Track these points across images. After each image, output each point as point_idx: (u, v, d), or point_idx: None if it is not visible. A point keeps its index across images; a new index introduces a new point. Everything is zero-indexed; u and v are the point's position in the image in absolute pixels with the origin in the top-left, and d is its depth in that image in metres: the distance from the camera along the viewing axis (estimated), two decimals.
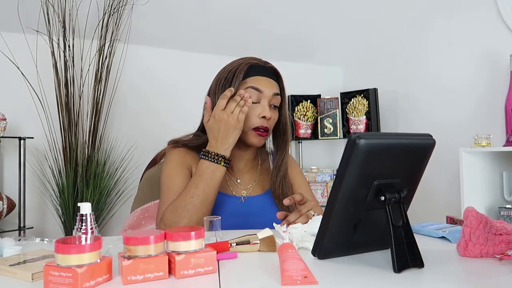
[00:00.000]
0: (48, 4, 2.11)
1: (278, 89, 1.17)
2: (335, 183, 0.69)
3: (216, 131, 1.07)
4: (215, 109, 1.08)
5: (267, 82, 1.15)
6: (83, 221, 0.70)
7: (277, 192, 1.18)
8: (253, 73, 1.14)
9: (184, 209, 1.02)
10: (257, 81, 1.13)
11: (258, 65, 1.16)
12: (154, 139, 1.53)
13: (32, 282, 0.65)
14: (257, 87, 1.13)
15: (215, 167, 1.05)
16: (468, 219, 0.74)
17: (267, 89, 1.14)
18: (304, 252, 0.77)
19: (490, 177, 1.75)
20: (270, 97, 1.14)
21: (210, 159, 1.06)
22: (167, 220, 1.02)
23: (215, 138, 1.07)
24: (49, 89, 2.14)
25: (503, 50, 1.93)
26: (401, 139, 0.72)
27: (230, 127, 1.06)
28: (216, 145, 1.07)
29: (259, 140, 1.15)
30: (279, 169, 1.20)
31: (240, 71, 1.13)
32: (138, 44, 2.41)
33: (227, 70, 1.17)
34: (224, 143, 1.06)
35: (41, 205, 2.22)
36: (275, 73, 1.19)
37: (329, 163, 2.89)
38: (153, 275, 0.63)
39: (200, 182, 1.04)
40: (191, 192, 1.03)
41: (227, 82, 1.14)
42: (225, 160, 1.06)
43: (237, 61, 1.18)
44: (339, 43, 2.82)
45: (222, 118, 1.06)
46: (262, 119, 1.13)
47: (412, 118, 2.48)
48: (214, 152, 1.06)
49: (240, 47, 2.50)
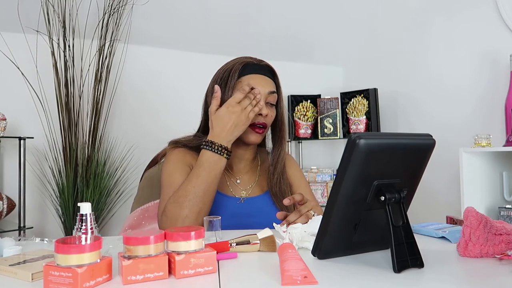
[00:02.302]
0: (48, 4, 2.11)
1: (274, 87, 1.17)
2: (335, 183, 0.69)
3: (227, 121, 1.06)
4: (231, 100, 1.07)
5: (262, 80, 1.15)
6: (83, 221, 0.70)
7: (274, 190, 1.18)
8: (247, 72, 1.15)
9: (186, 199, 1.02)
10: (252, 80, 1.14)
11: (252, 64, 1.17)
12: (154, 139, 1.54)
13: (32, 282, 0.65)
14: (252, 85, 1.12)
15: (217, 157, 1.05)
16: (468, 219, 0.74)
17: (262, 87, 1.13)
18: (304, 252, 0.77)
19: (490, 177, 1.75)
20: (265, 95, 1.14)
21: (213, 150, 1.05)
22: (168, 211, 1.02)
23: (223, 127, 1.06)
24: (49, 89, 2.14)
25: (503, 50, 1.93)
26: (401, 139, 0.72)
27: (239, 122, 1.06)
28: (221, 135, 1.06)
29: (257, 137, 1.15)
30: (275, 167, 1.20)
31: (235, 70, 1.14)
32: (138, 44, 2.41)
33: (222, 70, 1.17)
34: (229, 135, 1.06)
35: (41, 205, 2.22)
36: (271, 71, 1.19)
37: (329, 163, 2.89)
38: (153, 275, 0.63)
39: (202, 173, 1.04)
40: (192, 182, 1.03)
41: (223, 81, 1.14)
42: (227, 152, 1.06)
43: (232, 61, 1.18)
44: (339, 43, 2.82)
45: (236, 111, 1.06)
46: (259, 116, 1.13)
47: (412, 118, 2.48)
48: (218, 143, 1.06)
49: (240, 47, 2.50)
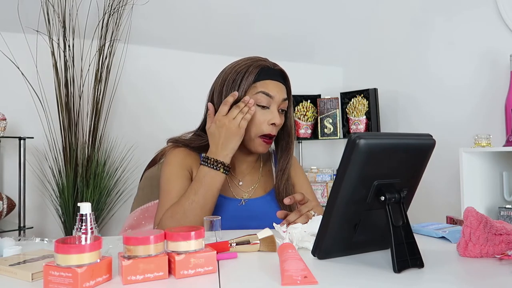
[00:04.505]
0: (48, 4, 2.11)
1: (286, 93, 1.15)
2: (335, 183, 0.69)
3: (217, 137, 1.06)
4: (217, 114, 1.06)
5: (277, 87, 1.12)
6: (83, 221, 0.70)
7: (281, 195, 1.16)
8: (263, 77, 1.11)
9: (183, 215, 1.01)
10: (267, 86, 1.10)
11: (268, 68, 1.13)
12: (154, 139, 1.53)
13: (32, 282, 0.65)
14: (267, 92, 1.10)
15: (215, 173, 1.05)
16: (468, 219, 0.74)
17: (278, 94, 1.11)
18: (304, 252, 0.77)
19: (490, 177, 1.75)
20: (279, 103, 1.12)
21: (209, 166, 1.05)
22: (164, 226, 1.02)
23: (216, 143, 1.06)
24: (49, 89, 2.14)
25: (503, 50, 1.93)
26: (401, 139, 0.72)
27: (230, 134, 1.04)
28: (216, 151, 1.06)
29: (264, 148, 1.13)
30: (283, 172, 1.19)
31: (250, 73, 1.10)
32: (138, 44, 2.41)
33: (234, 71, 1.12)
34: (224, 149, 1.05)
35: (41, 205, 2.22)
36: (284, 76, 1.16)
37: (329, 163, 2.89)
38: (153, 275, 0.63)
39: (200, 189, 1.03)
40: (190, 199, 1.03)
41: (235, 83, 1.10)
42: (224, 167, 1.05)
43: (245, 62, 1.13)
44: (339, 43, 2.82)
45: (223, 124, 1.05)
46: (272, 126, 1.11)
47: (412, 118, 2.48)
48: (213, 159, 1.05)
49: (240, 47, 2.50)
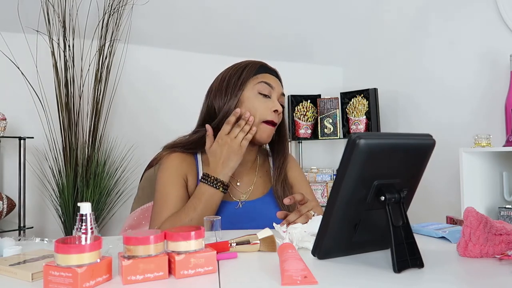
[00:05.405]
0: (48, 4, 2.11)
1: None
2: (335, 183, 0.69)
3: (219, 154, 1.09)
4: (220, 133, 1.10)
5: (276, 81, 1.20)
6: (83, 221, 0.70)
7: (279, 193, 1.19)
8: (263, 71, 1.19)
9: None
10: (268, 78, 1.18)
11: (266, 66, 1.22)
12: (154, 139, 1.53)
13: (32, 282, 0.65)
14: (268, 82, 1.17)
15: (214, 192, 1.07)
16: (468, 219, 0.74)
17: (277, 87, 1.19)
18: (304, 252, 0.77)
19: (490, 177, 1.75)
20: (279, 95, 1.19)
21: (209, 183, 1.07)
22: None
23: (217, 161, 1.09)
24: (49, 89, 2.14)
25: (503, 50, 1.93)
26: (401, 139, 0.72)
27: (232, 152, 1.08)
28: (216, 169, 1.08)
29: (268, 135, 1.16)
30: (280, 173, 1.22)
31: (250, 68, 1.18)
32: (138, 44, 2.41)
33: (235, 68, 1.20)
34: (224, 167, 1.08)
35: (41, 205, 2.22)
36: (279, 77, 1.25)
37: (329, 163, 2.89)
38: (153, 275, 0.63)
39: (199, 206, 1.06)
40: (189, 216, 1.04)
41: (235, 77, 1.16)
42: (223, 186, 1.08)
43: (244, 62, 1.22)
44: (339, 43, 2.82)
45: (226, 142, 1.08)
46: (274, 113, 1.15)
47: (412, 118, 2.48)
48: (213, 177, 1.08)
49: (240, 47, 2.51)
